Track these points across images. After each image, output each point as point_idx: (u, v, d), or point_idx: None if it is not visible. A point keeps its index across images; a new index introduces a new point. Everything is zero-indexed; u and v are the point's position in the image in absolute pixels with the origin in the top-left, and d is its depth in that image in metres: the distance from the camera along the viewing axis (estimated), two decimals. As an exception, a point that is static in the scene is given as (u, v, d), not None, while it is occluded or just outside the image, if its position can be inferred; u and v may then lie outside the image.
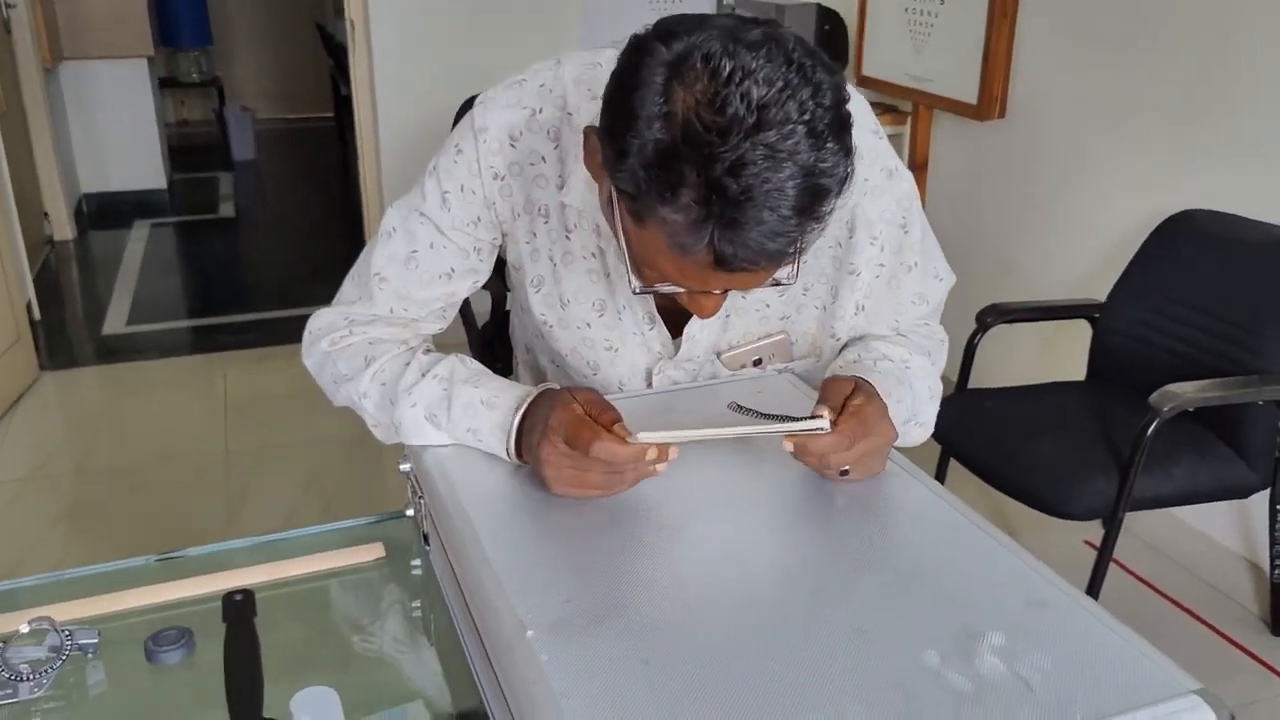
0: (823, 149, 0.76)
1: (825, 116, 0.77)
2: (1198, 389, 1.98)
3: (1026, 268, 2.96)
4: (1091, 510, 2.00)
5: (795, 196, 0.76)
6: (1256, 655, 2.24)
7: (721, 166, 0.74)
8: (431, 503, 0.91)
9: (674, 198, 0.76)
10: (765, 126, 0.74)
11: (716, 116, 0.74)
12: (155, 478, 2.84)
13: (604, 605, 0.74)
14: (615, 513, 0.87)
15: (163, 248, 5.06)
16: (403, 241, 1.09)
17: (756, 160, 0.74)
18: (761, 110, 0.74)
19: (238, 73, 7.52)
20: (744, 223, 0.76)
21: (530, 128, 1.04)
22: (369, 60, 3.65)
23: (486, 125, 1.04)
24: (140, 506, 2.70)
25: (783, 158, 0.74)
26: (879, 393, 0.96)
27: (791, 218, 0.76)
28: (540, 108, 1.04)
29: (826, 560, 0.80)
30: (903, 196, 1.10)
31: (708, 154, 0.74)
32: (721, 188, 0.75)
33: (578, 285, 1.12)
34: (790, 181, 0.75)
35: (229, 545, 0.97)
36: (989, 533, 0.84)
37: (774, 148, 0.74)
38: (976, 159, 3.10)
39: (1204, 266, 2.25)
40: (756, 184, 0.74)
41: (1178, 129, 2.45)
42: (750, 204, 0.75)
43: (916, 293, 1.15)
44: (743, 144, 0.74)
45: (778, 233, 0.77)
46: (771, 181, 0.75)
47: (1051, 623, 0.73)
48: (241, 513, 2.66)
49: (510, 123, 1.04)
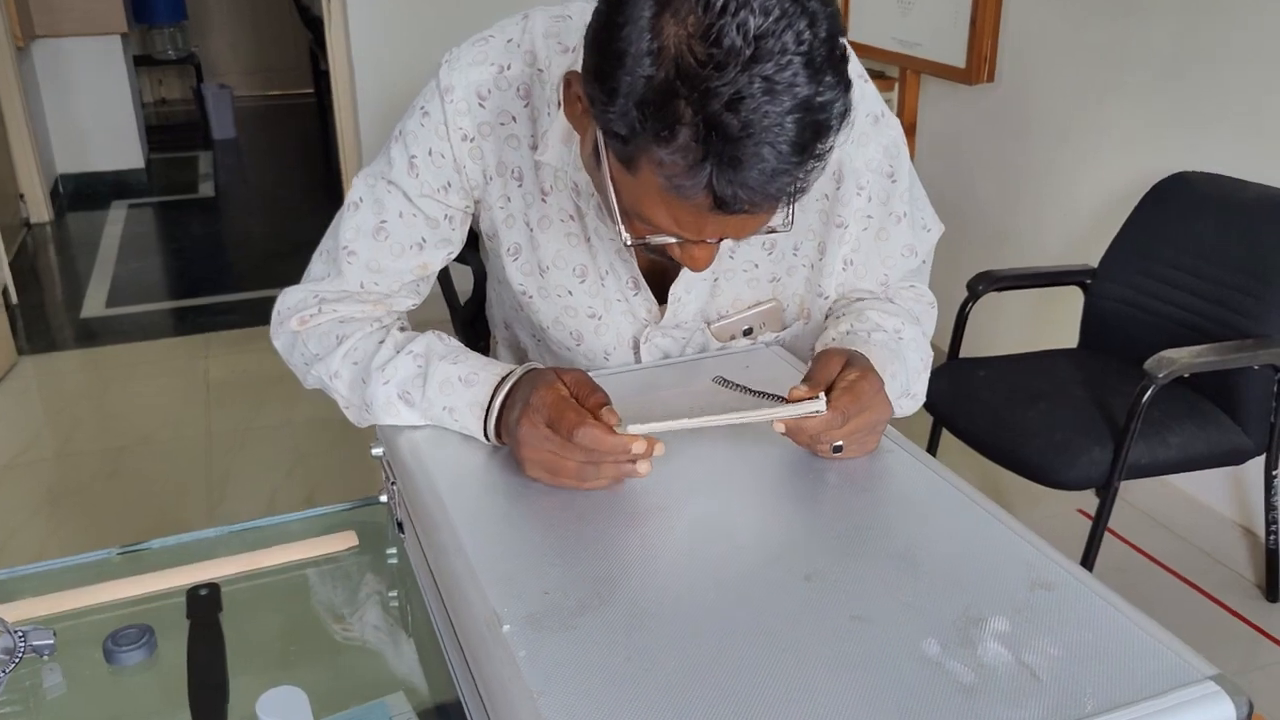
0: (821, 82, 0.73)
1: (822, 48, 0.73)
2: (1193, 354, 1.96)
3: (1018, 234, 2.92)
4: (1087, 479, 1.98)
5: (795, 131, 0.72)
6: (1253, 622, 2.22)
7: (719, 101, 0.71)
8: (404, 488, 0.87)
9: (670, 136, 0.73)
10: (762, 58, 0.71)
11: (712, 49, 0.70)
12: (137, 462, 2.80)
13: (584, 597, 0.70)
14: (597, 496, 0.83)
15: (141, 228, 4.98)
16: (370, 212, 1.05)
17: (755, 94, 0.71)
18: (758, 41, 0.70)
19: (215, 49, 7.41)
20: (744, 160, 0.72)
21: (499, 85, 1.00)
22: (345, 34, 3.57)
23: (453, 85, 1.00)
24: (122, 492, 2.65)
25: (780, 90, 0.71)
26: (874, 367, 0.92)
27: (792, 154, 0.73)
28: (509, 64, 1.00)
29: (820, 543, 0.76)
30: (890, 144, 1.06)
31: (704, 89, 0.71)
32: (720, 124, 0.71)
33: (556, 250, 1.07)
34: (790, 116, 0.72)
35: (194, 537, 0.93)
36: (989, 510, 0.80)
37: (772, 80, 0.71)
38: (965, 124, 3.06)
39: (1198, 230, 2.22)
40: (756, 118, 0.71)
41: (1170, 89, 2.41)
42: (750, 140, 0.71)
43: (905, 244, 1.11)
44: (740, 77, 0.70)
45: (778, 171, 0.73)
46: (771, 115, 0.71)
47: (1057, 606, 0.69)
48: (224, 496, 2.63)
49: (477, 81, 1.00)
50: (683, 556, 0.76)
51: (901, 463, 0.88)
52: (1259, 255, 2.09)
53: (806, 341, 1.14)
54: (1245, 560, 2.38)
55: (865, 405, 0.86)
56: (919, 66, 3.08)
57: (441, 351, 0.98)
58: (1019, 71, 2.83)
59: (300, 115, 7.27)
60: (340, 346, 1.02)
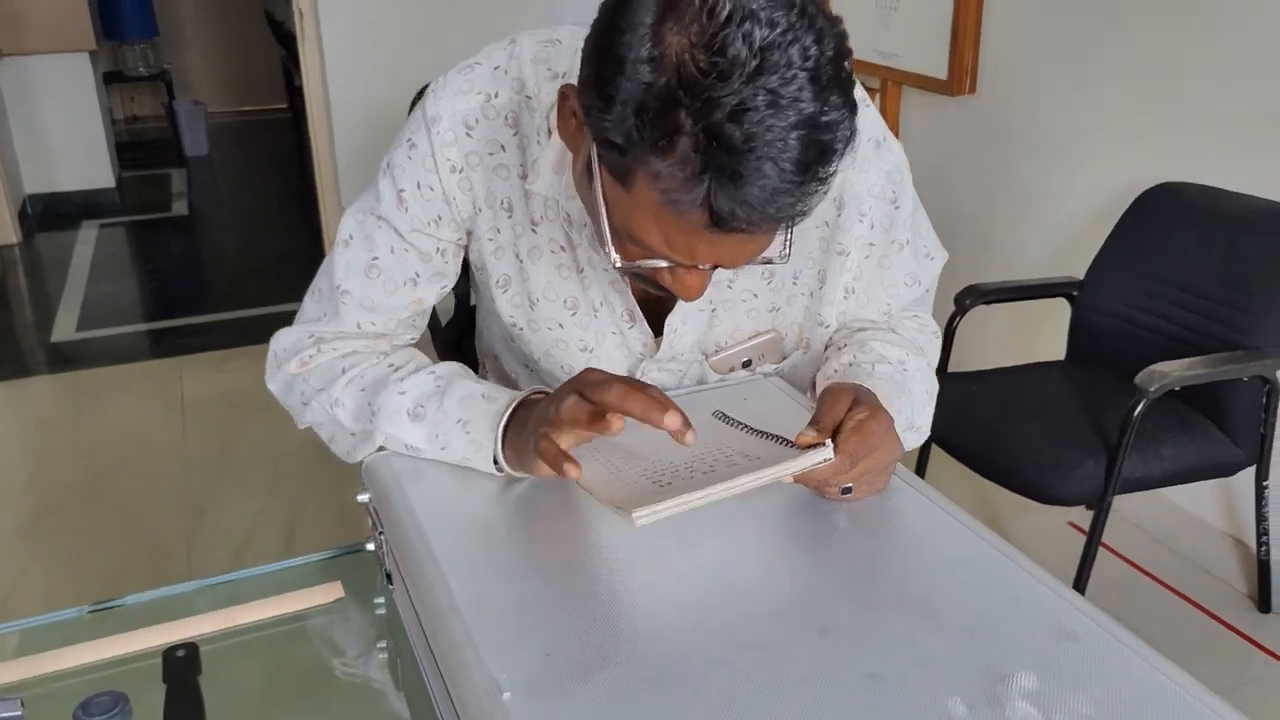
0: (827, 100, 0.70)
1: (829, 66, 0.71)
2: (1184, 367, 1.94)
3: (1003, 246, 2.90)
4: (1080, 495, 1.96)
5: (799, 149, 0.70)
6: (1245, 634, 2.21)
7: (722, 112, 0.68)
8: (393, 539, 0.83)
9: (669, 147, 0.70)
10: (767, 70, 0.68)
11: (715, 58, 0.68)
12: (112, 490, 2.73)
13: (588, 658, 0.66)
14: (598, 545, 0.79)
15: (113, 249, 4.90)
16: (362, 249, 1.02)
17: (759, 106, 0.68)
18: (764, 53, 0.68)
19: (187, 65, 7.33)
20: (745, 175, 0.69)
21: (486, 114, 0.97)
22: (319, 49, 3.53)
23: (439, 115, 0.97)
24: (98, 523, 2.59)
25: (785, 104, 0.68)
26: (881, 403, 0.89)
27: (794, 172, 0.70)
28: (496, 92, 0.97)
29: (832, 593, 0.73)
30: (892, 169, 1.03)
31: (706, 98, 0.68)
32: (722, 135, 0.68)
33: (547, 282, 1.04)
34: (794, 132, 0.69)
35: (170, 591, 0.88)
36: (1006, 554, 0.76)
37: (777, 93, 0.68)
38: (948, 136, 3.04)
39: (1183, 241, 2.21)
40: (759, 131, 0.68)
41: (1153, 100, 2.40)
42: (752, 154, 0.69)
43: (908, 273, 1.08)
44: (744, 88, 0.68)
45: (779, 190, 0.71)
46: (775, 130, 0.68)
47: (1086, 659, 0.66)
48: (203, 524, 2.57)
49: (465, 110, 0.97)
50: (689, 610, 0.72)
51: (911, 502, 0.84)
52: (1244, 266, 2.08)
53: (806, 372, 1.10)
54: (1236, 571, 2.36)
55: (874, 445, 0.82)
56: (900, 78, 3.06)
57: (463, 373, 0.99)
58: (1001, 82, 2.81)
59: (274, 131, 7.20)
60: (344, 375, 1.00)
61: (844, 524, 0.82)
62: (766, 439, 0.84)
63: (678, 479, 0.79)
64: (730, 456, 0.82)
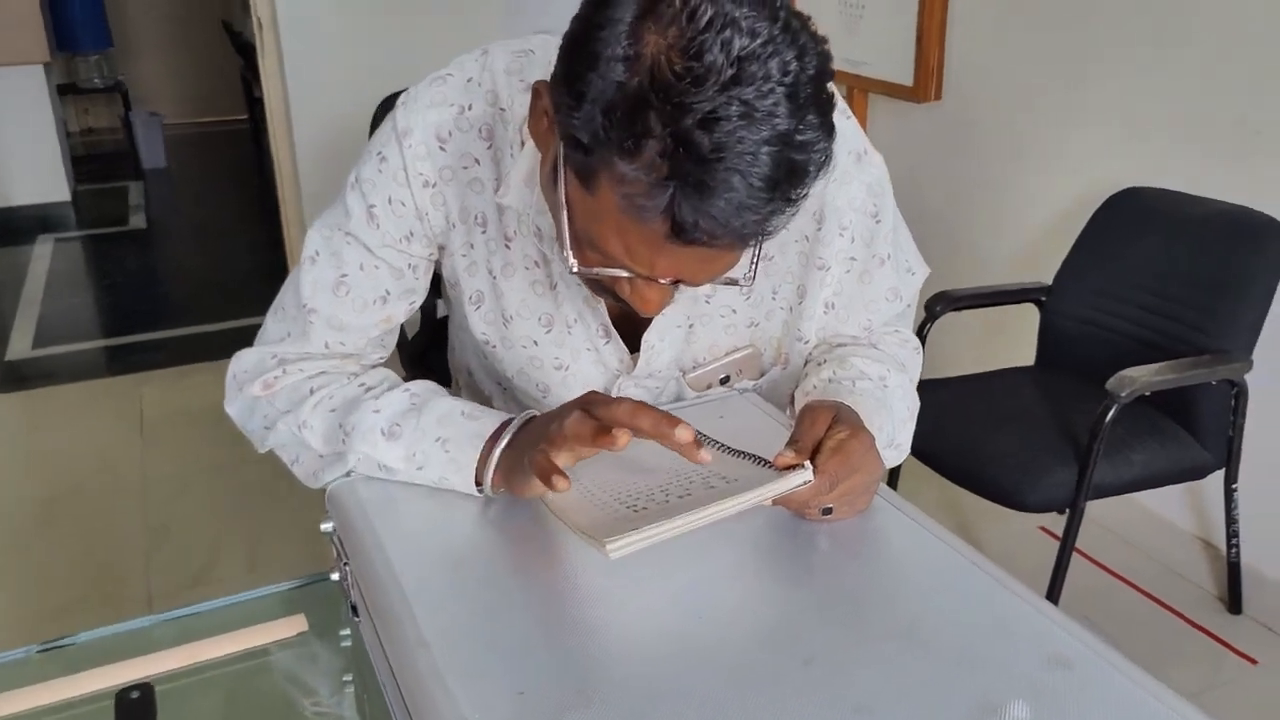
0: (803, 119, 0.68)
1: (808, 85, 0.69)
2: (1153, 372, 1.94)
3: (972, 252, 2.90)
4: (1051, 502, 1.96)
5: (770, 165, 0.68)
6: (1216, 635, 2.22)
7: (693, 118, 0.66)
8: (358, 570, 0.79)
9: (635, 149, 0.68)
10: (743, 81, 0.66)
11: (691, 63, 0.66)
12: (69, 513, 2.66)
13: (565, 696, 0.63)
14: (574, 576, 0.76)
15: (69, 264, 4.80)
16: (329, 266, 0.98)
17: (732, 116, 0.66)
18: (741, 63, 0.66)
19: (143, 77, 7.20)
20: (711, 186, 0.67)
21: (460, 126, 0.94)
22: (279, 60, 3.47)
23: (411, 127, 0.94)
24: (55, 547, 2.52)
25: (759, 118, 0.66)
26: (862, 421, 0.86)
27: (763, 190, 0.68)
28: (469, 104, 0.94)
29: (817, 621, 0.70)
30: (873, 183, 1.01)
31: (678, 102, 0.66)
32: (691, 141, 0.66)
33: (520, 299, 1.01)
34: (765, 147, 0.67)
35: (124, 628, 0.84)
36: (993, 575, 0.74)
37: (751, 105, 0.66)
38: (915, 143, 3.04)
39: (1149, 245, 2.22)
40: (730, 142, 0.66)
41: (1119, 105, 2.41)
42: (720, 165, 0.67)
43: (889, 288, 1.06)
44: (718, 96, 0.66)
45: (745, 205, 0.68)
46: (745, 143, 0.66)
47: (1079, 686, 0.64)
48: (161, 549, 2.50)
49: (437, 123, 0.94)
50: (668, 642, 0.69)
51: (894, 522, 0.82)
52: (1210, 270, 2.09)
53: (784, 388, 1.08)
54: (1206, 573, 2.37)
55: (856, 466, 0.80)
56: (866, 85, 3.06)
57: (440, 391, 0.96)
58: (967, 89, 2.82)
59: (234, 142, 7.10)
60: (313, 396, 0.97)
61: (825, 546, 0.79)
62: (744, 459, 0.82)
63: (653, 504, 0.76)
64: (707, 479, 0.80)
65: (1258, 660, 2.13)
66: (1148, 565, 2.44)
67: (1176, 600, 2.32)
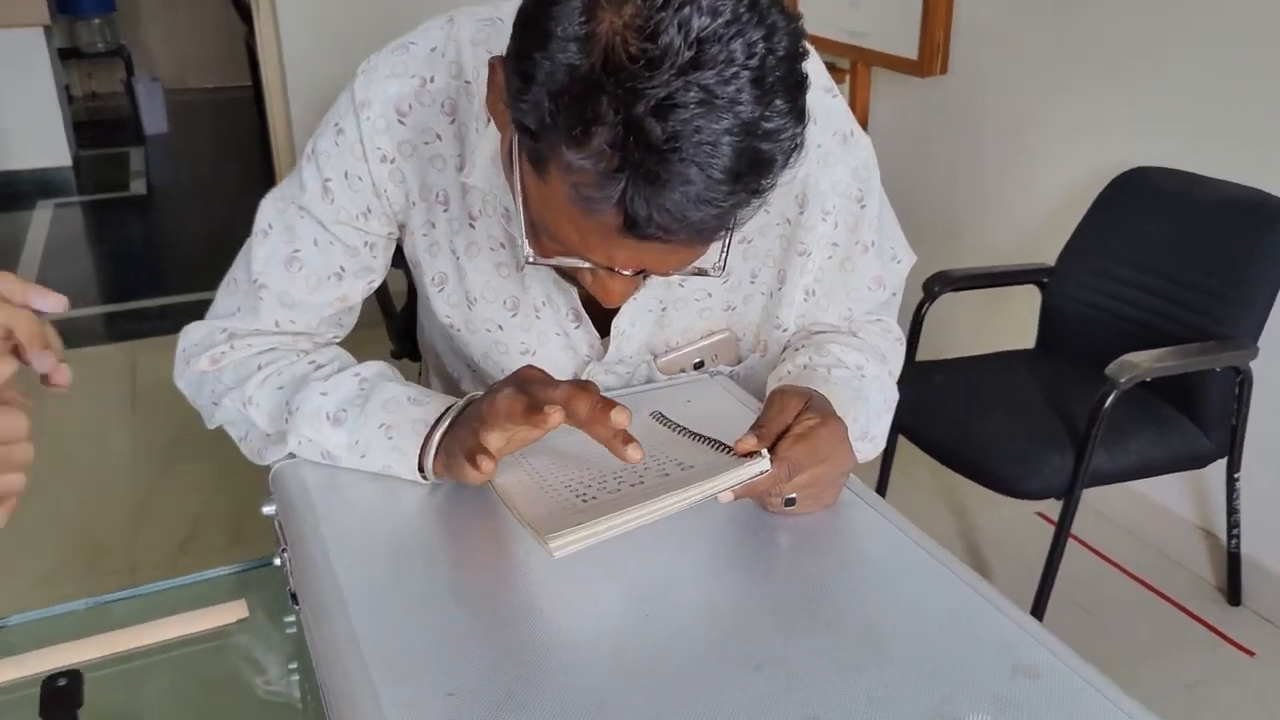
0: (770, 105, 0.63)
1: (777, 68, 0.63)
2: (1155, 358, 1.89)
3: (973, 231, 2.85)
4: (1048, 488, 1.92)
5: (731, 156, 0.62)
6: (1214, 627, 2.18)
7: (646, 105, 0.61)
8: (295, 558, 0.76)
9: (584, 137, 0.63)
10: (704, 65, 0.61)
11: (646, 44, 0.61)
12: (56, 482, 2.63)
13: (496, 698, 0.59)
14: (517, 572, 0.72)
15: (69, 229, 4.76)
16: (281, 240, 0.94)
17: (689, 103, 0.61)
18: (701, 45, 0.61)
19: (146, 41, 7.13)
20: (665, 179, 0.62)
21: (421, 100, 0.89)
22: (274, 23, 3.42)
23: (369, 99, 0.89)
24: (39, 515, 2.49)
25: (721, 106, 0.61)
26: (835, 411, 0.82)
27: (723, 182, 0.63)
28: (432, 76, 0.89)
29: (771, 623, 0.66)
30: (859, 166, 0.96)
31: (630, 87, 0.61)
32: (643, 130, 0.61)
33: (485, 281, 0.97)
34: (727, 137, 0.62)
35: (56, 611, 0.80)
36: (960, 575, 0.70)
37: (711, 91, 0.61)
38: (918, 118, 2.98)
39: (1156, 227, 2.16)
40: (686, 131, 0.61)
41: (1128, 81, 2.34)
42: (675, 155, 0.62)
43: (873, 276, 1.01)
44: (674, 81, 0.61)
45: (704, 199, 0.63)
46: (704, 132, 0.61)
47: (1046, 699, 0.59)
48: (147, 521, 2.48)
49: (397, 95, 0.89)
50: (611, 643, 0.65)
51: (863, 518, 0.78)
52: (1218, 254, 2.04)
53: (762, 376, 1.03)
54: (1205, 563, 2.33)
55: (823, 455, 0.76)
56: (870, 58, 2.99)
57: (390, 375, 0.92)
58: (973, 63, 2.75)
59: (237, 109, 7.03)
60: (260, 372, 0.93)
61: (786, 542, 0.75)
62: (704, 444, 0.77)
63: (604, 492, 0.72)
64: (662, 465, 0.75)
65: (1255, 653, 2.09)
66: (1146, 553, 2.40)
67: (1174, 590, 2.28)
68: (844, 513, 0.78)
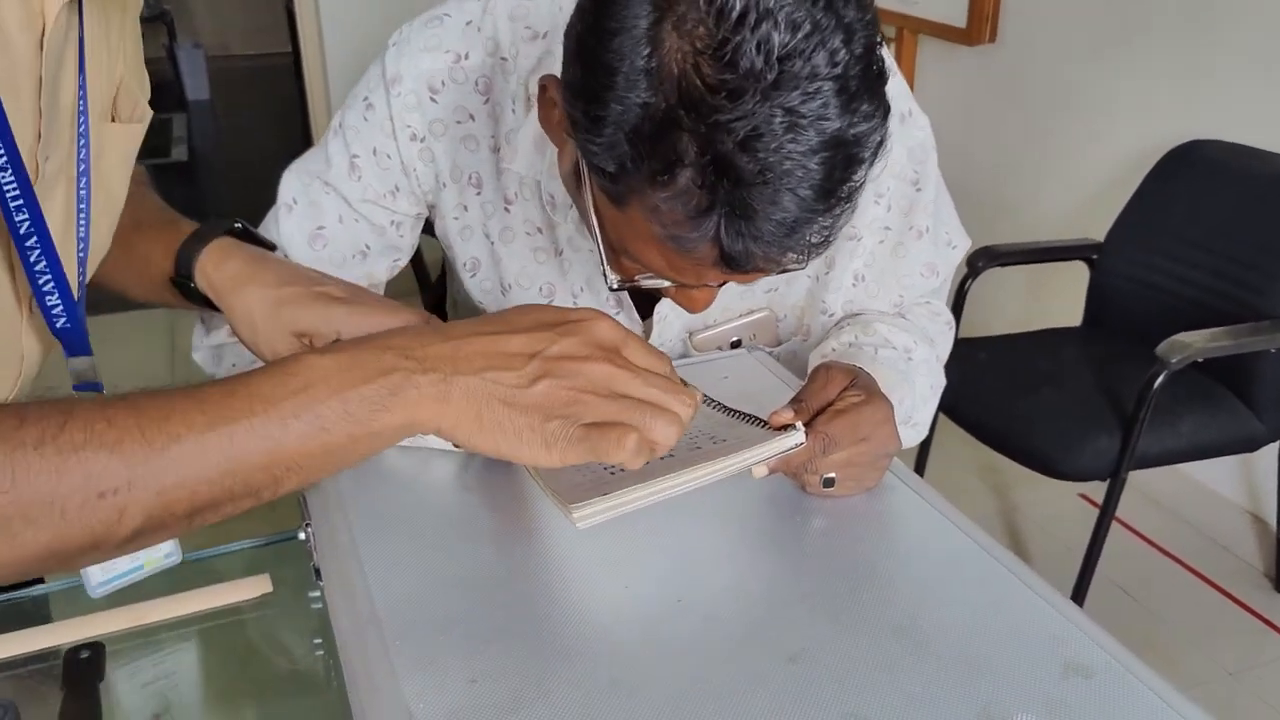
0: (856, 111, 0.59)
1: (858, 68, 0.59)
2: (1208, 338, 1.84)
3: (1020, 205, 2.79)
4: (1094, 470, 1.88)
5: (822, 174, 0.59)
6: (1260, 614, 2.13)
7: (733, 139, 0.57)
8: (319, 532, 0.74)
9: (669, 180, 0.59)
10: (786, 85, 0.57)
11: (725, 73, 0.56)
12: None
13: (519, 687, 0.57)
14: (545, 555, 0.69)
15: (110, 195, 4.80)
16: (306, 216, 0.92)
17: (776, 131, 0.57)
18: (782, 63, 0.56)
19: (189, 6, 7.17)
20: (758, 211, 0.59)
21: (455, 77, 0.86)
22: (313, -11, 3.41)
23: (401, 74, 0.86)
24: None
25: (806, 124, 0.58)
26: (881, 390, 0.79)
27: (816, 200, 0.60)
28: (466, 52, 0.86)
29: (807, 613, 0.63)
30: (916, 147, 0.92)
31: (713, 121, 0.57)
32: (733, 166, 0.58)
33: (521, 267, 0.94)
34: (816, 156, 0.58)
35: (76, 583, 0.79)
36: (1009, 566, 0.67)
37: (796, 112, 0.57)
38: (966, 88, 2.92)
39: (1212, 203, 2.10)
40: (775, 159, 0.58)
41: (1185, 50, 2.27)
42: (766, 187, 0.58)
43: (925, 263, 0.97)
44: (759, 108, 0.57)
45: (800, 220, 0.60)
46: (794, 157, 0.58)
47: (1098, 700, 0.56)
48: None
49: (429, 71, 0.86)
50: (641, 630, 0.62)
51: (905, 503, 0.74)
52: (1276, 230, 1.97)
53: (803, 357, 1.00)
54: (1254, 549, 2.28)
55: (864, 434, 0.72)
56: (916, 26, 2.92)
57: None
58: (1023, 31, 2.68)
59: (278, 76, 7.02)
60: None
61: (824, 526, 0.72)
62: (738, 418, 0.74)
63: None
64: (694, 438, 0.73)
65: (1302, 641, 2.04)
66: (1191, 537, 2.35)
67: (1219, 575, 2.23)
68: (884, 496, 0.75)
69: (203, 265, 0.78)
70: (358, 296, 0.77)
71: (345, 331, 0.72)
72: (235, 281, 0.76)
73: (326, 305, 0.73)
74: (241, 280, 0.76)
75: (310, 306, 0.74)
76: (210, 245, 0.78)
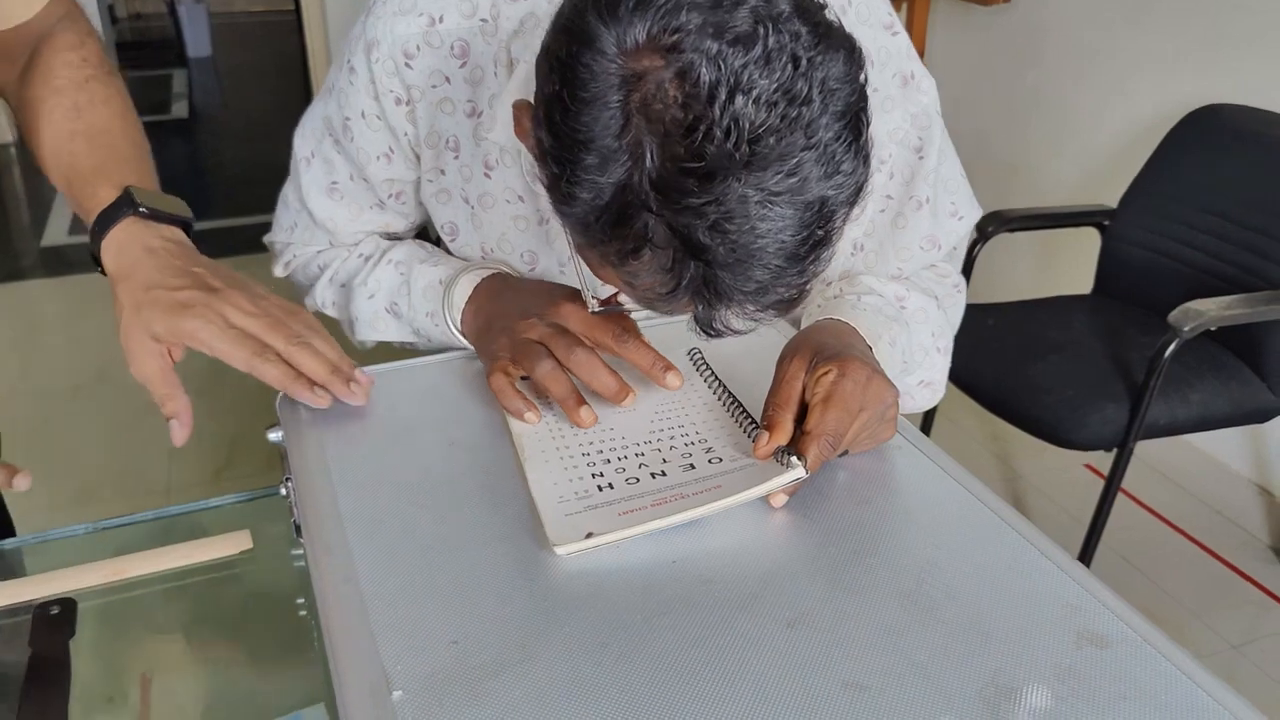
0: (835, 174, 0.56)
1: (837, 131, 0.56)
2: (1222, 306, 1.80)
3: (1032, 169, 2.74)
4: (1100, 440, 1.85)
5: (795, 243, 0.57)
6: (1264, 586, 2.11)
7: (703, 223, 0.55)
8: (299, 489, 0.71)
9: (638, 256, 0.58)
10: (760, 164, 0.54)
11: (692, 161, 0.54)
12: (98, 400, 2.64)
13: (503, 650, 0.54)
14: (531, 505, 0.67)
15: (109, 151, 4.75)
16: (321, 171, 0.94)
17: (749, 212, 0.54)
18: (754, 145, 0.53)
19: (191, -39, 7.08)
20: (730, 286, 0.57)
21: (429, 41, 0.83)
22: (314, -59, 3.35)
23: (378, 39, 0.84)
24: (78, 433, 2.50)
25: (781, 200, 0.55)
26: (857, 342, 0.75)
27: (795, 261, 0.57)
28: (440, 15, 0.83)
29: (808, 576, 0.60)
30: (920, 113, 0.87)
31: (683, 205, 0.55)
32: (705, 249, 0.56)
33: (501, 234, 0.93)
34: (791, 225, 0.56)
35: (51, 535, 0.77)
36: (1021, 532, 0.64)
37: (772, 191, 0.54)
38: (978, 49, 2.86)
39: (1229, 169, 2.05)
40: (748, 238, 0.55)
41: (1203, 11, 2.21)
42: (738, 265, 0.56)
43: (926, 235, 0.92)
44: (732, 189, 0.54)
45: (777, 283, 0.58)
46: (767, 235, 0.55)
47: (1113, 671, 0.53)
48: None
49: (404, 36, 0.83)
50: (629, 596, 0.59)
51: (913, 464, 0.71)
52: (1294, 198, 1.93)
53: None
54: (1259, 521, 2.25)
55: (857, 406, 0.69)
56: (929, -15, 2.87)
57: (422, 256, 0.94)
58: (1039, -9, 2.63)
59: (280, 32, 6.97)
60: (323, 274, 0.99)
61: (827, 487, 0.69)
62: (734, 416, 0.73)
63: (620, 478, 0.70)
64: (688, 443, 0.72)
65: (1307, 613, 2.02)
66: (1196, 508, 2.33)
67: (1224, 547, 2.21)
68: (891, 456, 0.72)
69: (106, 248, 0.81)
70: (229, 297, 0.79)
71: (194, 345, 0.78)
72: (117, 275, 0.79)
73: (179, 315, 0.75)
74: (121, 275, 0.79)
75: (164, 315, 0.76)
76: (114, 229, 0.80)
